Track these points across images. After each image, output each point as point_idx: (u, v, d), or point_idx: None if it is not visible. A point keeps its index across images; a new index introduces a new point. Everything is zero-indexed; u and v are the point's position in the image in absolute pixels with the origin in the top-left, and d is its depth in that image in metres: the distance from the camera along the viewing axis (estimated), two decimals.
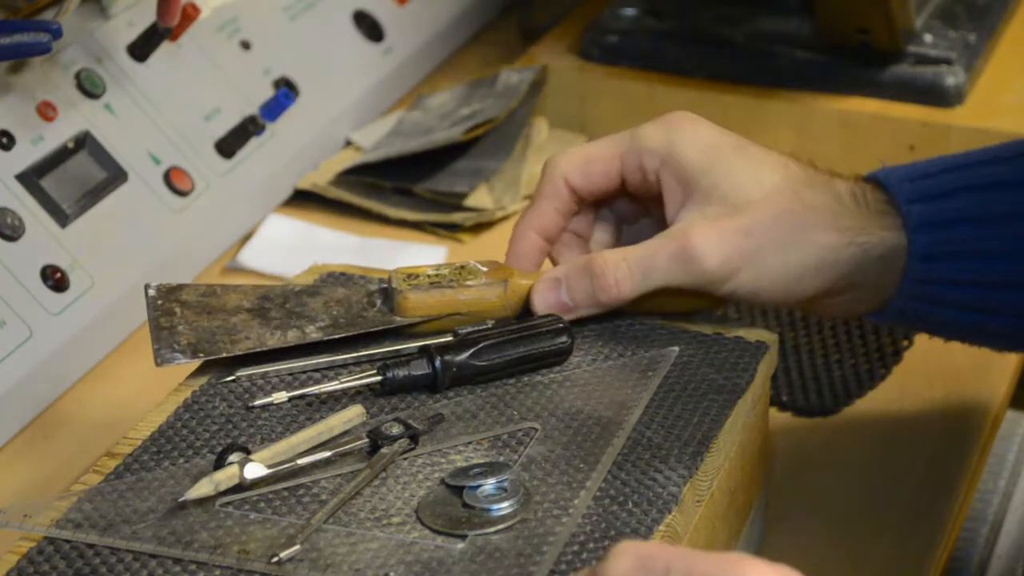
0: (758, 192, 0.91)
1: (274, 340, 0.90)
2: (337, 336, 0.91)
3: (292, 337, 0.90)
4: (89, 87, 1.20)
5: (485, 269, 0.93)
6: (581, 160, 0.95)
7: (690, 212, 0.92)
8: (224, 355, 0.89)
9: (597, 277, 0.91)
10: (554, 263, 0.97)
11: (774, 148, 0.96)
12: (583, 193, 0.96)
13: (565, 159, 0.95)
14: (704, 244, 0.90)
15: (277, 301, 0.93)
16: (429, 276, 0.92)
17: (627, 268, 0.91)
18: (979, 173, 0.94)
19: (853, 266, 0.92)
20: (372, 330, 0.91)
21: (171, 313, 0.91)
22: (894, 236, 0.92)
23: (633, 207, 0.98)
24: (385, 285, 0.93)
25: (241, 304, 0.92)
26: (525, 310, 0.93)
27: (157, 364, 0.89)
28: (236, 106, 1.29)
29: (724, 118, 1.26)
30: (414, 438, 0.84)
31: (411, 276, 0.92)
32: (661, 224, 0.94)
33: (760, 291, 0.92)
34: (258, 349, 0.90)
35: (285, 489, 0.81)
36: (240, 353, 0.89)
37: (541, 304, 0.92)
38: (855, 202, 0.93)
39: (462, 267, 0.93)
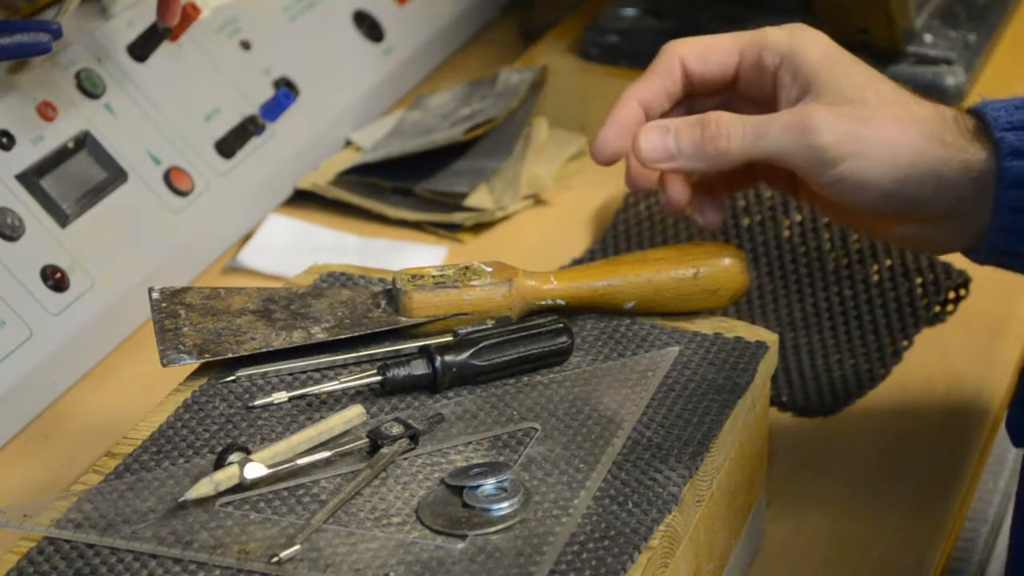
0: (873, 97, 0.92)
1: (279, 341, 0.90)
2: (343, 337, 0.91)
3: (297, 338, 0.90)
4: (89, 87, 1.20)
5: (490, 269, 0.93)
6: (701, 46, 0.96)
7: (812, 94, 0.93)
8: (230, 356, 0.89)
9: (709, 128, 0.91)
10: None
11: None
12: (695, 78, 0.96)
13: (685, 42, 0.96)
14: (821, 120, 0.90)
15: (281, 303, 0.93)
16: (433, 277, 0.92)
17: (741, 127, 0.91)
18: None
19: (953, 183, 0.91)
20: (377, 331, 0.91)
21: (175, 315, 0.91)
22: (988, 162, 0.92)
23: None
24: (389, 286, 0.93)
25: (245, 306, 0.92)
26: (529, 311, 0.93)
27: (164, 365, 0.89)
28: (236, 106, 1.29)
29: None
30: (414, 438, 0.84)
31: (415, 277, 0.92)
32: None
33: (867, 184, 0.90)
34: (264, 350, 0.90)
35: (285, 489, 0.81)
36: (246, 354, 0.89)
37: (646, 145, 0.92)
38: (956, 124, 0.93)
39: (466, 267, 0.93)
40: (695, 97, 0.98)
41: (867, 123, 0.91)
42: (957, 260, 1.17)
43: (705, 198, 0.99)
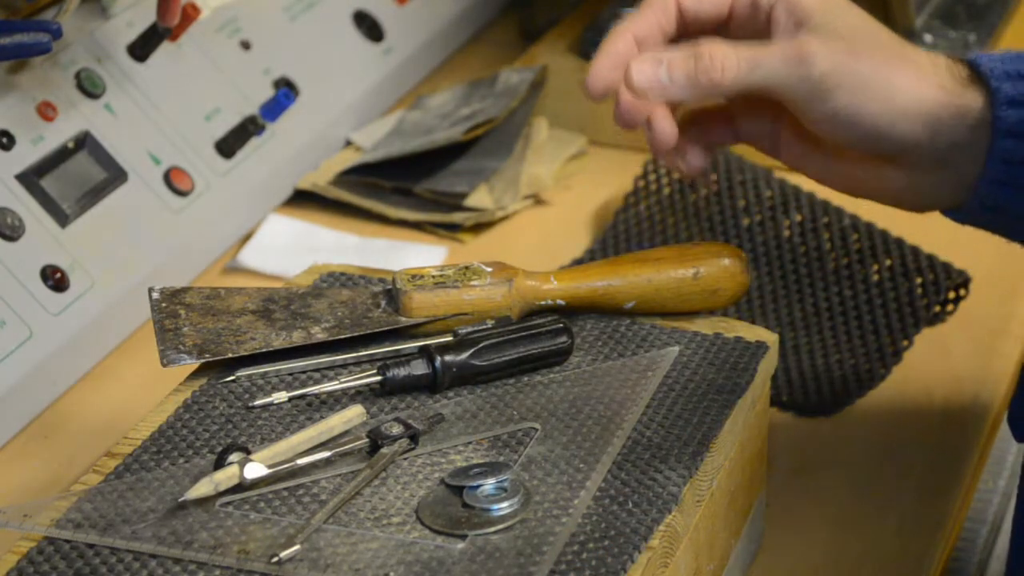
0: (870, 37, 0.91)
1: (279, 341, 0.90)
2: (343, 337, 0.91)
3: (297, 338, 0.90)
4: (89, 87, 1.20)
5: (490, 269, 0.93)
6: None
7: (813, 24, 0.91)
8: (230, 356, 0.89)
9: (702, 59, 0.90)
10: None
11: None
12: (689, 15, 0.95)
13: None
14: (818, 50, 0.89)
15: (281, 303, 0.93)
16: (434, 277, 0.92)
17: (735, 57, 0.89)
18: None
19: (949, 128, 0.90)
20: (377, 331, 0.91)
21: (175, 315, 0.91)
22: (984, 111, 0.90)
23: None
24: (389, 286, 0.93)
25: (245, 306, 0.92)
26: (529, 311, 0.93)
27: (164, 365, 0.89)
28: (236, 106, 1.29)
29: None
30: (414, 438, 0.84)
31: (415, 277, 0.92)
32: None
33: (860, 120, 0.89)
34: (264, 350, 0.90)
35: (285, 489, 0.81)
36: (246, 354, 0.89)
37: (638, 75, 0.91)
38: (950, 72, 0.92)
39: (467, 267, 0.93)
40: (689, 35, 0.96)
41: (864, 58, 0.89)
42: (957, 260, 1.17)
43: (688, 143, 0.96)
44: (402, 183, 1.31)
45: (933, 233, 1.22)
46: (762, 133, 0.97)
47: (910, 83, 0.90)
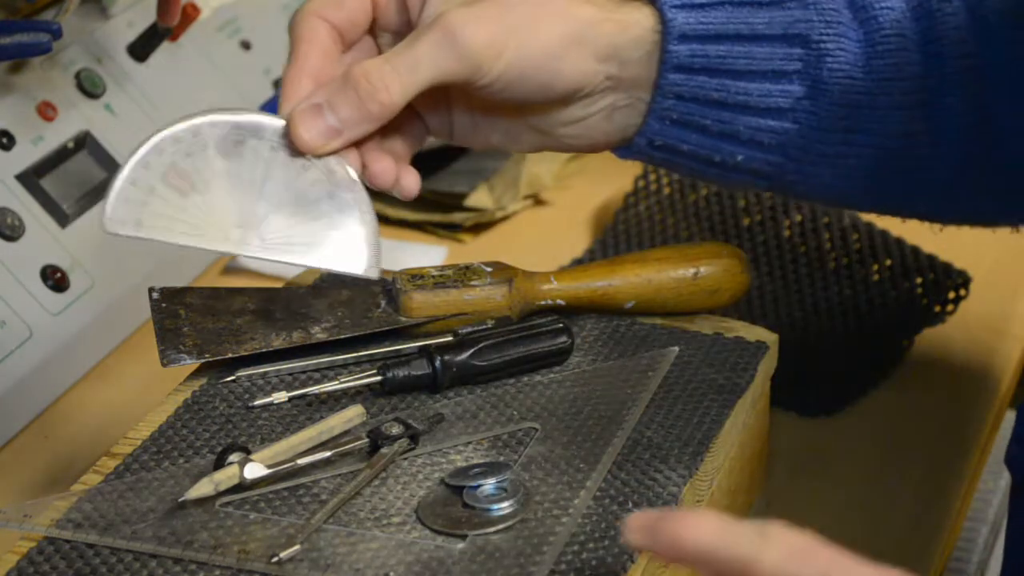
0: None
1: (279, 341, 0.90)
2: (343, 337, 0.91)
3: (297, 338, 0.90)
4: (89, 87, 1.19)
5: (490, 269, 0.93)
6: None
7: (436, 7, 0.88)
8: (230, 356, 0.89)
9: (361, 86, 0.84)
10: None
11: None
12: (344, 29, 0.89)
13: (314, 1, 0.89)
14: (464, 23, 0.85)
15: (281, 303, 0.93)
16: (434, 277, 0.92)
17: (391, 68, 0.85)
18: None
19: (612, 45, 0.88)
20: (377, 331, 0.91)
21: (175, 315, 0.91)
22: (650, 30, 0.89)
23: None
24: (389, 286, 0.93)
25: (245, 306, 0.92)
26: (528, 311, 0.93)
27: (164, 365, 0.89)
28: (236, 106, 1.28)
29: None
30: (414, 438, 0.84)
31: (415, 277, 0.92)
32: None
33: (526, 73, 0.87)
34: (264, 350, 0.90)
35: (285, 489, 0.81)
36: (246, 354, 0.89)
37: (307, 132, 0.85)
38: None
39: (467, 267, 0.93)
40: (353, 46, 0.92)
41: (511, 8, 0.86)
42: (957, 260, 1.17)
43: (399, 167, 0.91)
44: None
45: (933, 233, 1.22)
46: (441, 121, 0.93)
47: (566, 11, 0.87)
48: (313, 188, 0.86)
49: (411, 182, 0.90)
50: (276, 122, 0.86)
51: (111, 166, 1.18)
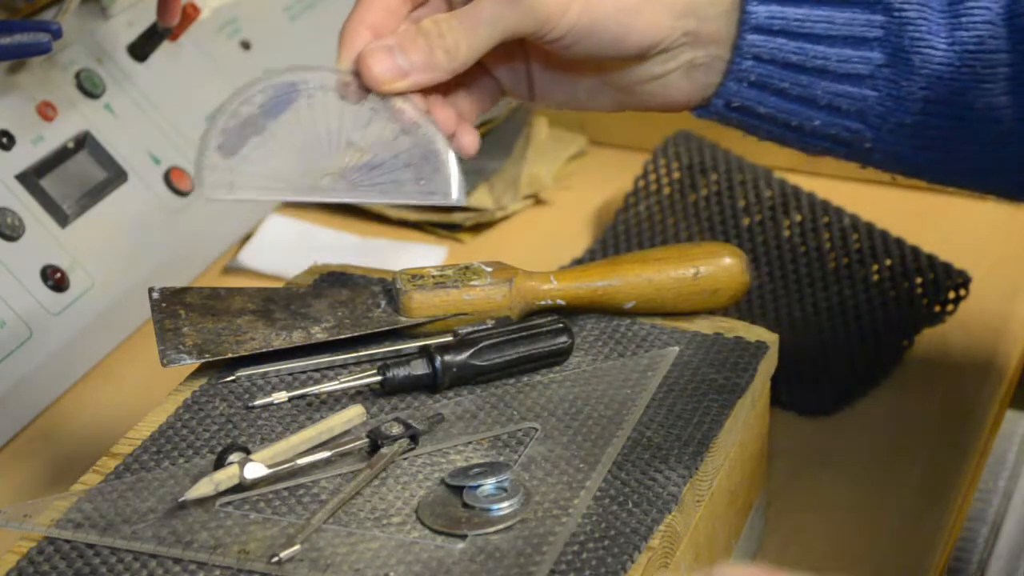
0: None
1: (279, 341, 0.90)
2: (343, 337, 0.91)
3: (297, 338, 0.90)
4: (89, 87, 1.20)
5: (490, 269, 0.93)
6: None
7: None
8: (230, 356, 0.89)
9: (431, 35, 0.87)
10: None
11: (774, 147, 0.95)
12: None
13: None
14: None
15: (281, 303, 0.93)
16: (434, 277, 0.92)
17: (459, 23, 0.87)
18: None
19: (690, 2, 0.89)
20: (377, 331, 0.91)
21: (175, 315, 0.91)
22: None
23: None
24: (389, 286, 0.93)
25: (245, 306, 0.92)
26: (529, 311, 0.93)
27: (164, 365, 0.89)
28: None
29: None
30: (414, 438, 0.84)
31: (416, 277, 0.92)
32: None
33: (596, 27, 0.88)
34: (264, 350, 0.90)
35: (285, 489, 0.81)
36: (246, 354, 0.89)
37: (377, 67, 0.87)
38: None
39: (466, 267, 0.93)
40: (421, 6, 0.93)
41: None
42: (957, 260, 1.17)
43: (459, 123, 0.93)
44: None
45: (933, 233, 1.22)
46: (518, 79, 0.95)
47: None
48: (387, 129, 0.88)
49: (470, 141, 0.92)
50: (339, 74, 0.89)
51: (111, 166, 1.18)
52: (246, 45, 1.32)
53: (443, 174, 0.89)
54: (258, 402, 0.87)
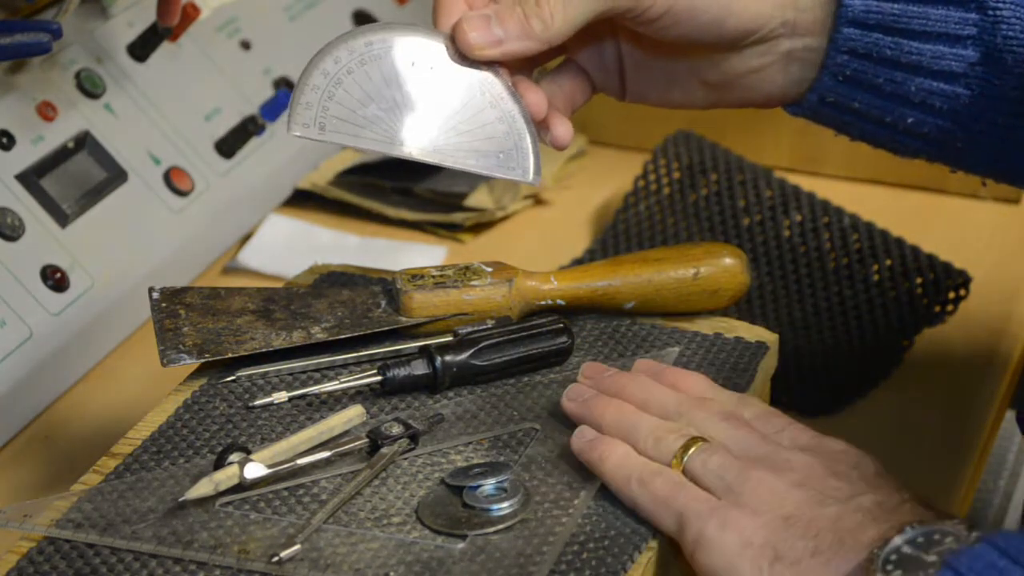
0: None
1: (279, 341, 0.90)
2: (343, 337, 0.91)
3: (297, 338, 0.90)
4: (89, 87, 1.20)
5: (490, 269, 0.93)
6: None
7: None
8: (230, 356, 0.89)
9: (528, 5, 0.88)
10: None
11: (774, 147, 0.95)
12: None
13: None
14: None
15: (281, 303, 0.93)
16: (434, 277, 0.92)
17: None
18: None
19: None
20: (377, 331, 0.91)
21: (175, 315, 0.91)
22: None
23: None
24: (389, 286, 0.93)
25: (245, 306, 0.92)
26: (529, 311, 0.93)
27: (164, 365, 0.89)
28: (236, 106, 1.29)
29: (723, 118, 1.26)
30: (414, 438, 0.84)
31: (416, 277, 0.92)
32: None
33: (696, 7, 0.88)
34: (264, 350, 0.90)
35: (285, 489, 0.81)
36: (246, 354, 0.89)
37: (472, 33, 0.88)
38: None
39: (467, 267, 0.93)
40: None
41: None
42: (957, 260, 1.17)
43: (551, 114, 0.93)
44: (402, 183, 1.31)
45: (933, 233, 1.22)
46: (610, 75, 0.95)
47: None
48: (475, 99, 0.89)
49: (563, 131, 0.92)
50: (440, 39, 0.89)
51: (111, 166, 1.18)
52: (246, 45, 1.32)
53: (523, 151, 0.89)
54: (258, 402, 0.87)
